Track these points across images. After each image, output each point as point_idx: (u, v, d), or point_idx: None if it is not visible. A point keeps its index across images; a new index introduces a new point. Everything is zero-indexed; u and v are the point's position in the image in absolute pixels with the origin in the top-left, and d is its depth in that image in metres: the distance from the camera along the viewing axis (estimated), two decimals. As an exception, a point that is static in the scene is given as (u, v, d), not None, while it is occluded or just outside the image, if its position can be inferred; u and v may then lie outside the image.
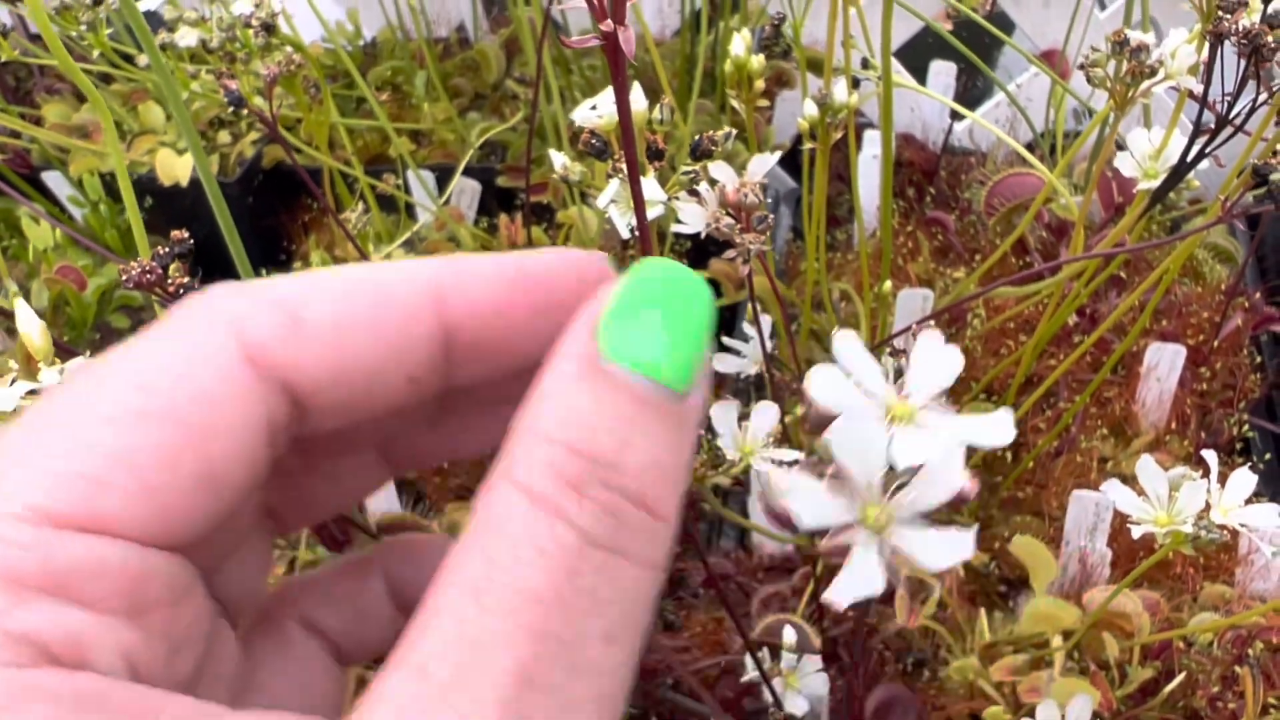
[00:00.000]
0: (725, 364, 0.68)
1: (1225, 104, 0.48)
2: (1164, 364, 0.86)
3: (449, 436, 0.28)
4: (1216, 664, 0.72)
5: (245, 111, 0.81)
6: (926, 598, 0.71)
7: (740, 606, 0.77)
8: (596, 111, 0.42)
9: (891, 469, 0.23)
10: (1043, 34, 1.19)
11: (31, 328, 0.38)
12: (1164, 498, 0.42)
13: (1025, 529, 0.83)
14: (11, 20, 1.18)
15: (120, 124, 1.17)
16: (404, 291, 0.24)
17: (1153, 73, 0.53)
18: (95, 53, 0.80)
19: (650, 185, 0.39)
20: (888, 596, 0.67)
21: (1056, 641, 0.72)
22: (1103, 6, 1.11)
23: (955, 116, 1.14)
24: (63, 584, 0.20)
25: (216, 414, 0.22)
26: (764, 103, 0.55)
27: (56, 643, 0.19)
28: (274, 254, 1.11)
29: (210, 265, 1.13)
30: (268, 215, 1.12)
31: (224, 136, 1.14)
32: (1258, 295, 0.92)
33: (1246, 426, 0.86)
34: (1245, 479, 0.43)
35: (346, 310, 0.23)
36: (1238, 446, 0.88)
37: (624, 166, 0.40)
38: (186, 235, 0.39)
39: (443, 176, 1.05)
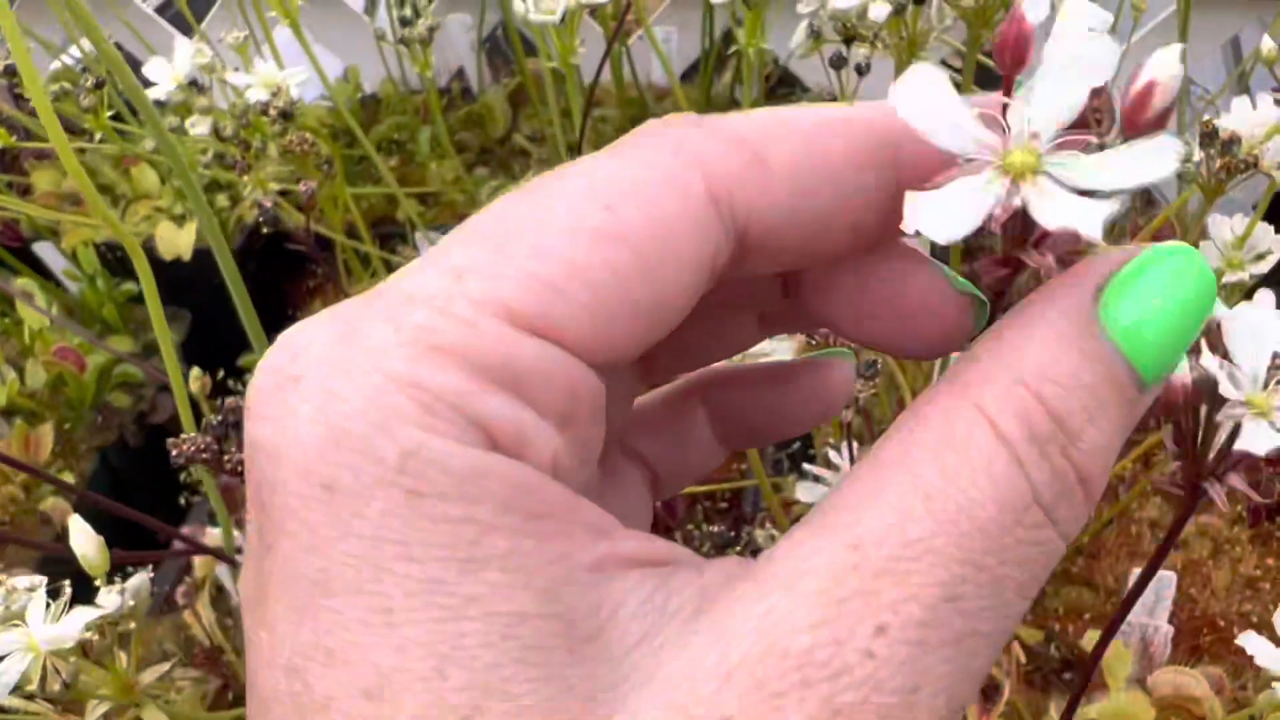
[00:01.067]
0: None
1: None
2: (1214, 426, 0.83)
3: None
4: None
5: (245, 178, 0.77)
6: (998, 696, 0.68)
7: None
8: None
9: None
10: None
11: (88, 546, 0.34)
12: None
13: (1078, 603, 0.81)
14: (-4, 84, 1.13)
15: (113, 188, 1.12)
16: (865, 136, 0.23)
17: (1246, 168, 0.50)
18: (98, 135, 0.76)
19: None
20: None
21: (1128, 732, 0.69)
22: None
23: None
24: (518, 381, 0.20)
25: (673, 247, 0.22)
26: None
27: (505, 434, 0.20)
28: (278, 322, 1.07)
29: (211, 336, 1.09)
30: (270, 281, 1.08)
31: (222, 200, 1.10)
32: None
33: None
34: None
35: (812, 153, 0.23)
36: (1289, 506, 0.85)
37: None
38: (240, 404, 0.36)
39: (453, 238, 1.01)
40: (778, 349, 0.42)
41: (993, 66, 0.79)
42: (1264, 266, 0.52)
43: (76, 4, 0.39)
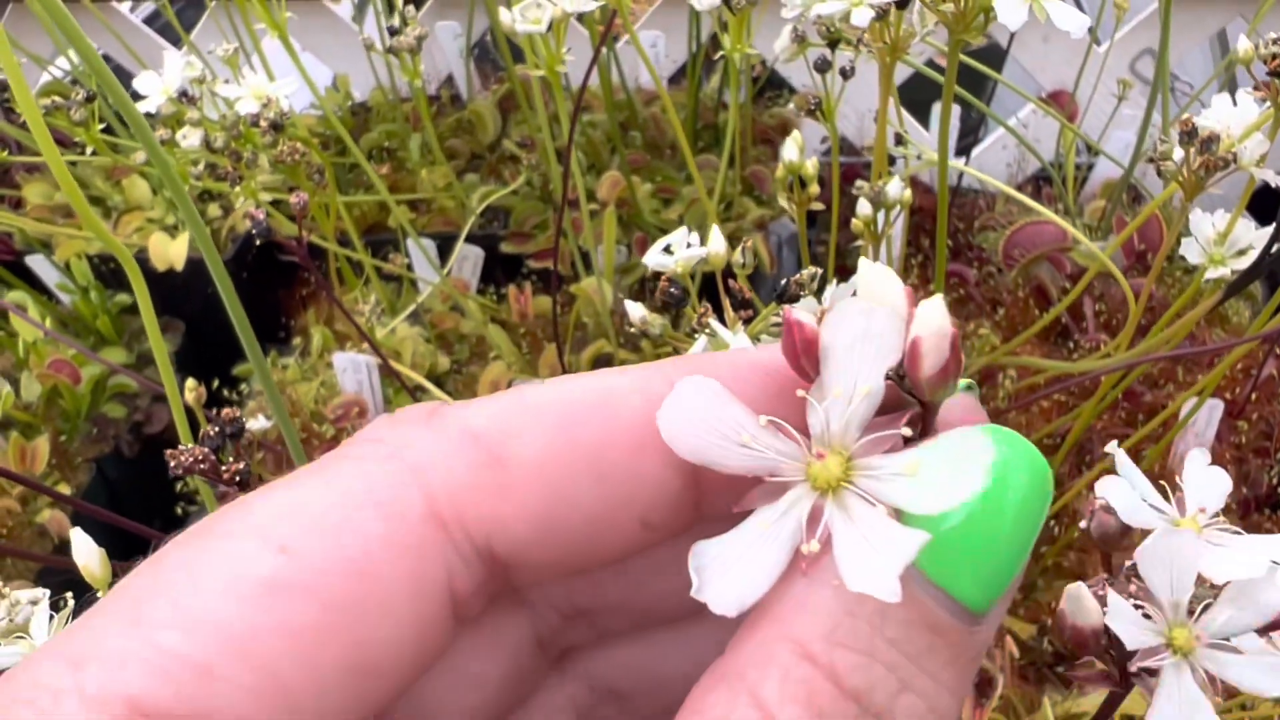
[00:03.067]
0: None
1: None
2: (1202, 418, 0.84)
3: (641, 585, 0.22)
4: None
5: (236, 189, 0.78)
6: (992, 691, 0.69)
7: None
8: (672, 256, 0.39)
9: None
10: (1043, 69, 1.17)
11: (91, 559, 0.34)
12: None
13: (1071, 596, 0.81)
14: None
15: (105, 199, 1.13)
16: (636, 410, 0.19)
17: (1225, 165, 0.51)
18: (89, 149, 0.76)
19: (740, 340, 0.37)
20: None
21: (1120, 724, 0.69)
22: (1098, 43, 1.10)
23: (963, 154, 1.12)
24: None
25: (378, 587, 0.17)
26: (818, 206, 0.53)
27: None
28: (272, 331, 1.08)
29: (205, 346, 1.09)
30: (263, 291, 1.09)
31: (214, 210, 1.10)
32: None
33: (1289, 480, 0.84)
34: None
35: (562, 442, 0.19)
36: (1279, 496, 0.86)
37: (709, 320, 0.37)
38: (237, 415, 0.36)
39: (443, 244, 1.02)
40: (735, 341, 0.41)
41: (977, 68, 0.79)
42: (1244, 262, 0.53)
43: (64, 18, 0.40)
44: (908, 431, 0.19)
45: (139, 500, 0.97)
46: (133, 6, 1.28)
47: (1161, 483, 0.27)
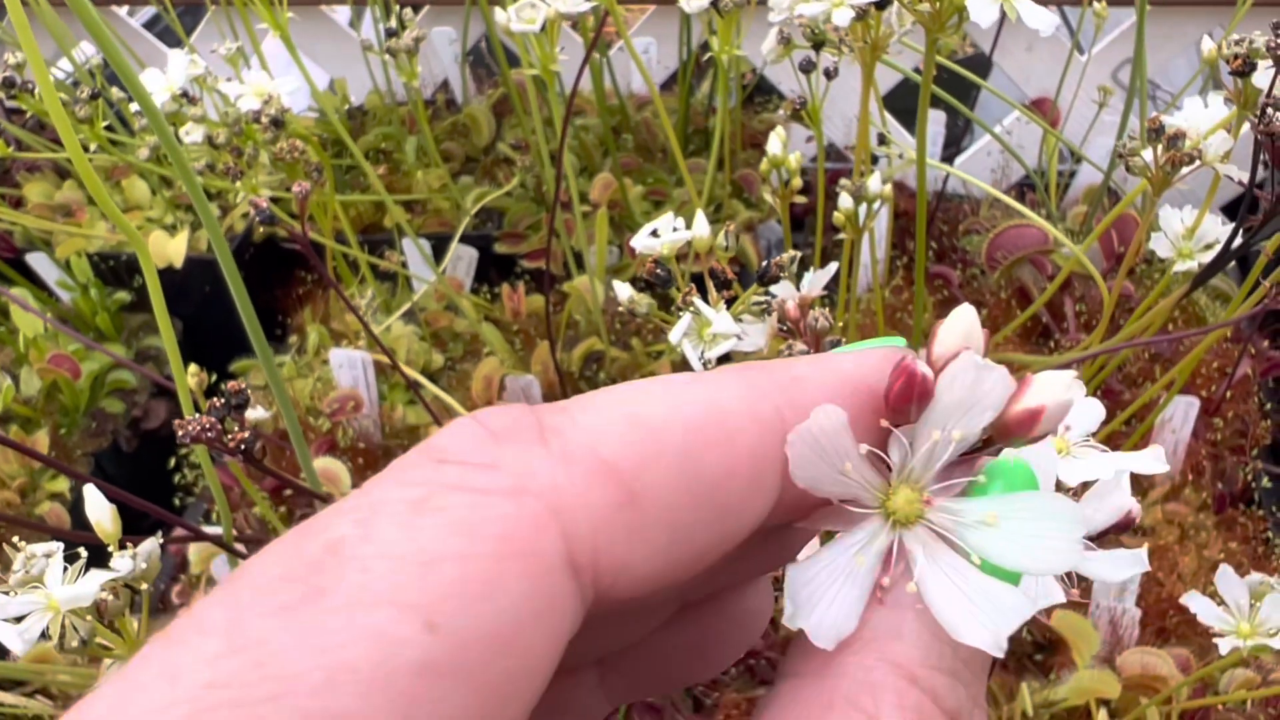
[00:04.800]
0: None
1: (1274, 198, 0.48)
2: (1178, 416, 0.86)
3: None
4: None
5: (237, 184, 0.79)
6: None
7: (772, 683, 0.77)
8: (658, 239, 0.41)
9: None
10: (1027, 78, 1.20)
11: (102, 513, 0.36)
12: (1245, 607, 0.42)
13: (1050, 588, 0.83)
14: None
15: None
16: (751, 442, 0.18)
17: (1190, 161, 0.53)
18: (94, 145, 0.78)
19: (723, 319, 0.39)
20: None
21: (1096, 709, 0.71)
22: (1081, 51, 1.12)
23: (949, 162, 1.14)
24: None
25: (529, 659, 0.15)
26: (801, 198, 0.54)
27: None
28: (269, 330, 1.10)
29: (201, 345, 1.11)
30: (261, 289, 1.10)
31: (213, 210, 1.12)
32: (1265, 343, 0.92)
33: (1264, 477, 0.86)
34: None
35: (689, 478, 0.17)
36: (1254, 493, 0.88)
37: (693, 299, 0.39)
38: (243, 386, 0.38)
39: (438, 244, 1.04)
40: (750, 331, 0.43)
41: (953, 69, 0.81)
42: (1209, 256, 0.55)
43: (91, 19, 0.42)
44: (982, 479, 0.20)
45: (136, 493, 0.98)
46: (131, 11, 1.30)
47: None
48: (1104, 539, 0.26)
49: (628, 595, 0.17)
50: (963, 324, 0.20)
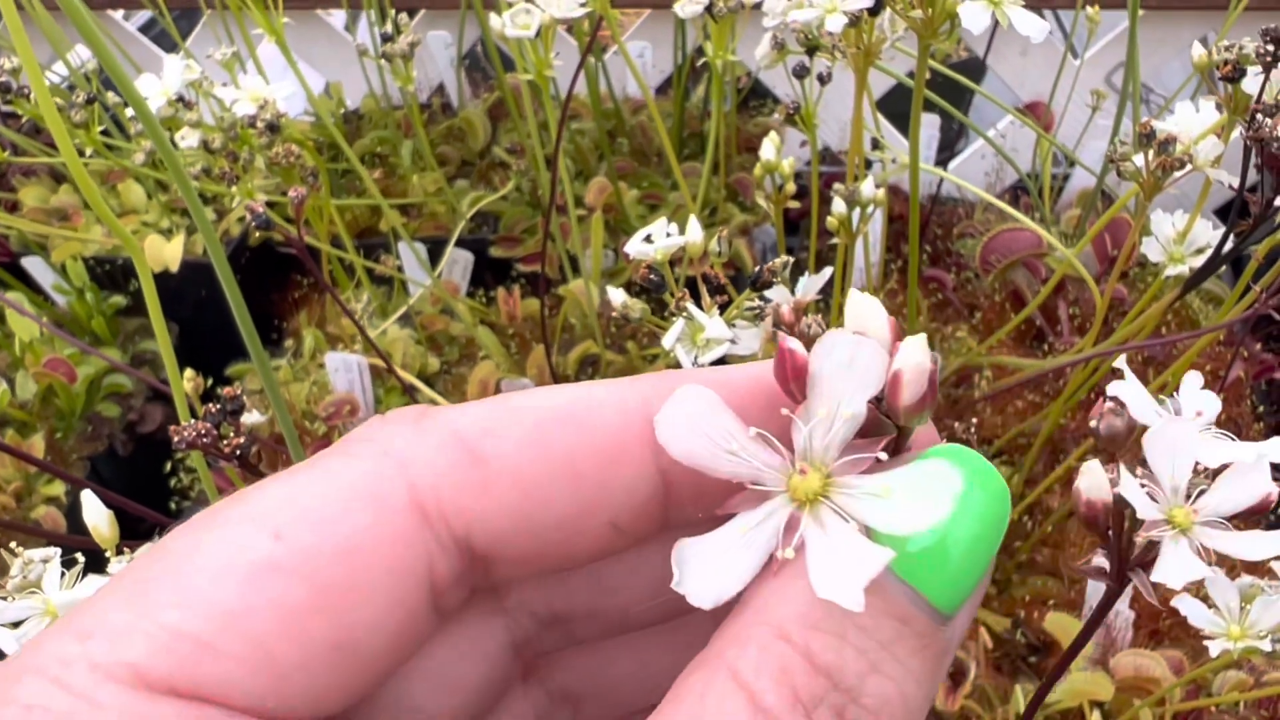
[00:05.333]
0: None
1: (1263, 202, 0.49)
2: (1171, 419, 0.87)
3: (611, 592, 0.24)
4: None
5: (233, 189, 0.80)
6: (965, 679, 0.71)
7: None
8: (652, 244, 0.41)
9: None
10: (1021, 82, 1.20)
11: (99, 518, 0.36)
12: (1235, 609, 0.42)
13: (1044, 591, 0.83)
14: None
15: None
16: (611, 421, 0.21)
17: (1181, 165, 0.53)
18: (89, 149, 0.78)
19: (716, 324, 0.39)
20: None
21: (1089, 711, 0.72)
22: (1075, 55, 1.13)
23: (943, 165, 1.15)
24: None
25: (364, 571, 0.19)
26: (794, 203, 0.55)
27: None
28: (265, 334, 1.10)
29: (197, 349, 1.11)
30: (257, 293, 1.11)
31: (208, 214, 1.12)
32: (1257, 346, 0.93)
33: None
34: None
35: (539, 445, 0.20)
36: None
37: (686, 304, 0.39)
38: (238, 392, 0.38)
39: (434, 248, 1.04)
40: (743, 336, 0.43)
41: (947, 74, 0.82)
42: (1201, 260, 0.55)
43: (85, 24, 0.42)
44: (884, 455, 0.20)
45: (132, 497, 0.98)
46: (126, 15, 1.30)
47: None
48: (1241, 521, 0.26)
49: (503, 554, 0.20)
50: (856, 307, 0.21)
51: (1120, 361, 0.28)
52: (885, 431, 0.21)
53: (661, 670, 0.23)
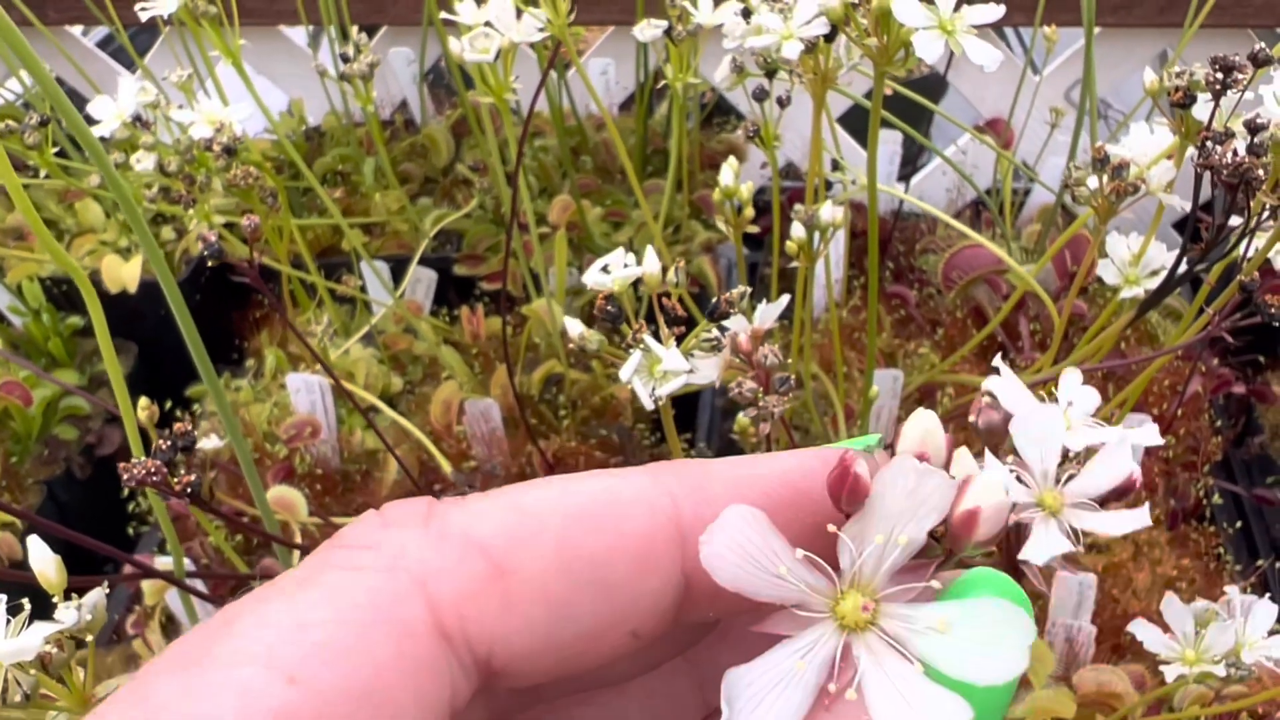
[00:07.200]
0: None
1: (1216, 228, 0.49)
2: (1131, 434, 0.87)
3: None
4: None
5: (190, 212, 0.79)
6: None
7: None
8: (609, 275, 0.41)
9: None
10: (982, 98, 1.21)
11: (46, 564, 0.35)
12: (1190, 635, 0.42)
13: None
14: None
15: (57, 222, 1.13)
16: (641, 527, 0.19)
17: (1134, 190, 0.54)
18: (44, 172, 0.77)
19: (673, 356, 0.39)
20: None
21: (1053, 728, 0.72)
22: (1035, 71, 1.14)
23: (906, 181, 1.15)
24: None
25: (389, 710, 0.17)
26: (753, 229, 0.55)
27: None
28: (226, 353, 1.09)
29: (158, 369, 1.10)
30: (217, 313, 1.09)
31: (168, 233, 1.11)
32: (1214, 360, 0.94)
33: (1215, 494, 0.88)
34: (1267, 612, 0.43)
35: (566, 555, 0.19)
36: (1205, 509, 0.89)
37: (643, 336, 0.39)
38: (190, 429, 0.38)
39: (397, 266, 1.03)
40: (702, 366, 0.43)
41: (905, 94, 0.82)
42: (1155, 282, 0.56)
43: (18, 42, 0.41)
44: (937, 585, 0.20)
45: (90, 522, 0.97)
46: (85, 30, 1.29)
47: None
48: (1106, 503, 0.27)
49: (520, 670, 0.19)
50: (919, 428, 0.21)
51: (997, 360, 0.28)
52: (932, 554, 0.20)
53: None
